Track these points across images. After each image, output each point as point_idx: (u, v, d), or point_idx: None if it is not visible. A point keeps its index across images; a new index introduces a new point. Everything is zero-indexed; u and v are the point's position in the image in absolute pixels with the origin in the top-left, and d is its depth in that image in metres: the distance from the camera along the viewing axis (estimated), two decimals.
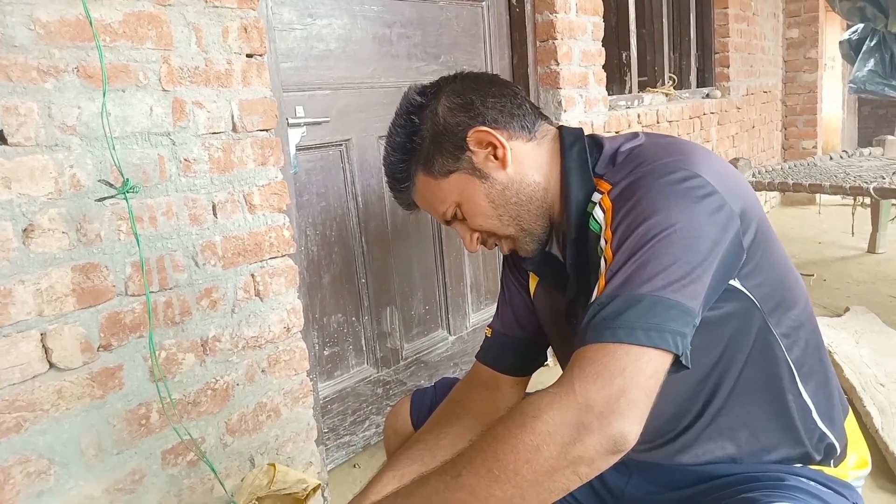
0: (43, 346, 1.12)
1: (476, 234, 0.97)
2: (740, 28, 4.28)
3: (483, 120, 0.91)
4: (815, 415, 0.93)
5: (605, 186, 0.87)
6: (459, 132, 0.91)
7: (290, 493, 1.43)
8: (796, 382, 0.92)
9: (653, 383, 0.70)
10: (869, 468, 0.99)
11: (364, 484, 1.04)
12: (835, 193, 3.12)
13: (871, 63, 5.90)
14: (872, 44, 5.88)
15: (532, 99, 2.46)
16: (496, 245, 0.99)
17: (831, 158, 3.94)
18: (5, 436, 1.08)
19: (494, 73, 2.35)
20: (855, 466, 0.98)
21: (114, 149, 1.18)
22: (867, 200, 4.14)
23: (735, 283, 0.85)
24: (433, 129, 0.92)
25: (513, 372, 1.11)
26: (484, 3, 2.31)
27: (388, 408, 2.10)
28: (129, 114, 1.21)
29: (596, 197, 0.88)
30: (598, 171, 0.90)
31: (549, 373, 2.60)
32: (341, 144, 1.91)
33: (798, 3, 5.22)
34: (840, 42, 6.26)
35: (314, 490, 1.45)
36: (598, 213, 0.86)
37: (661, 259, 0.74)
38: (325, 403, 1.90)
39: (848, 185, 3.09)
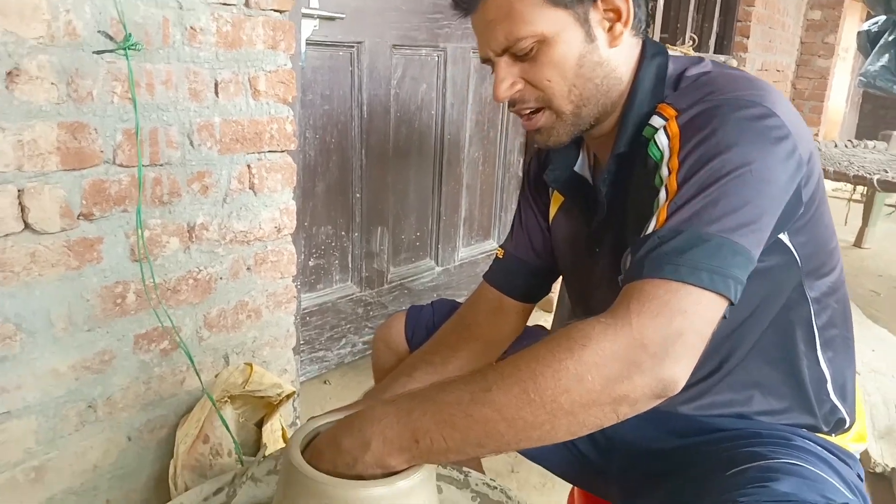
0: (20, 203, 1.04)
1: (520, 85, 0.83)
2: None
3: None
4: (829, 386, 0.90)
5: (670, 112, 0.78)
6: None
7: (263, 397, 1.38)
8: (815, 349, 0.88)
9: (709, 329, 0.66)
10: (866, 444, 0.97)
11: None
12: (838, 180, 3.09)
13: (885, 59, 5.83)
14: (890, 38, 5.80)
15: None
16: (525, 112, 0.85)
17: (836, 146, 3.91)
18: None
19: None
20: (853, 440, 0.95)
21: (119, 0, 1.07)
22: (860, 195, 4.13)
23: (783, 236, 0.80)
24: None
25: (520, 297, 1.07)
26: None
27: (367, 328, 2.06)
28: None
29: (657, 121, 0.79)
30: (665, 95, 0.82)
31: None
32: (353, 46, 1.80)
33: None
34: (858, 32, 6.17)
35: (287, 397, 1.40)
36: (661, 138, 0.77)
37: (732, 199, 0.68)
38: (304, 315, 1.85)
39: (851, 174, 3.06)
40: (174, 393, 1.33)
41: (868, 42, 6.04)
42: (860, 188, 3.58)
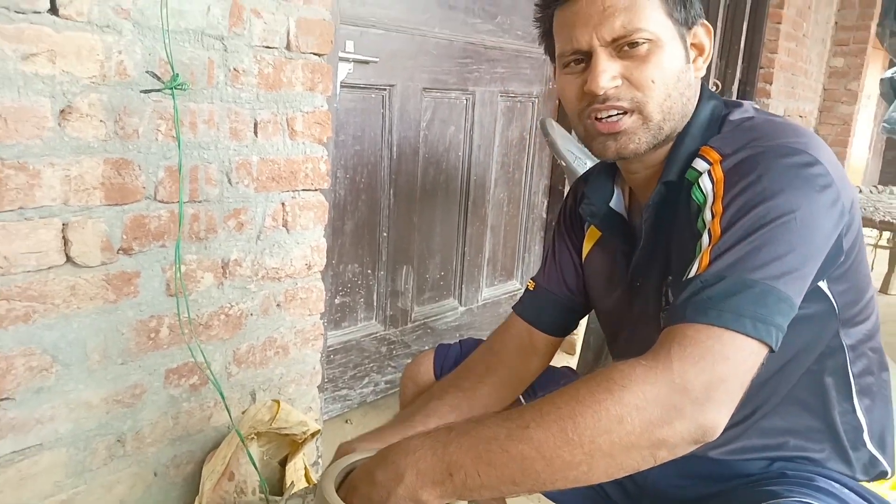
0: (63, 237, 1.06)
1: (619, 81, 0.81)
2: (789, 47, 4.20)
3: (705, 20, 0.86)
4: (865, 435, 0.88)
5: (714, 156, 0.79)
6: (698, 11, 0.85)
7: (288, 434, 1.38)
8: (851, 397, 0.87)
9: (749, 376, 0.66)
10: None
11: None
12: (864, 226, 3.06)
13: None
14: None
15: None
16: (615, 111, 0.82)
17: (860, 192, 3.89)
18: (13, 324, 1.02)
19: None
20: (893, 487, 0.93)
21: (167, 41, 1.10)
22: (886, 241, 4.09)
23: (822, 284, 0.80)
24: None
25: (549, 330, 1.07)
26: None
27: (390, 367, 2.05)
28: (185, 8, 1.14)
29: (701, 165, 0.80)
30: (712, 139, 0.83)
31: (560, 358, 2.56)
32: (385, 89, 1.83)
33: (849, 32, 5.13)
34: (881, 79, 6.18)
35: (312, 435, 1.40)
36: (705, 182, 0.78)
37: (777, 245, 0.69)
38: (328, 353, 1.85)
39: (878, 220, 3.03)
40: (201, 429, 1.33)
41: (891, 89, 6.05)
42: (885, 233, 3.55)
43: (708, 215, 0.75)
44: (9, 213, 0.98)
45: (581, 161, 1.88)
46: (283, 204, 1.38)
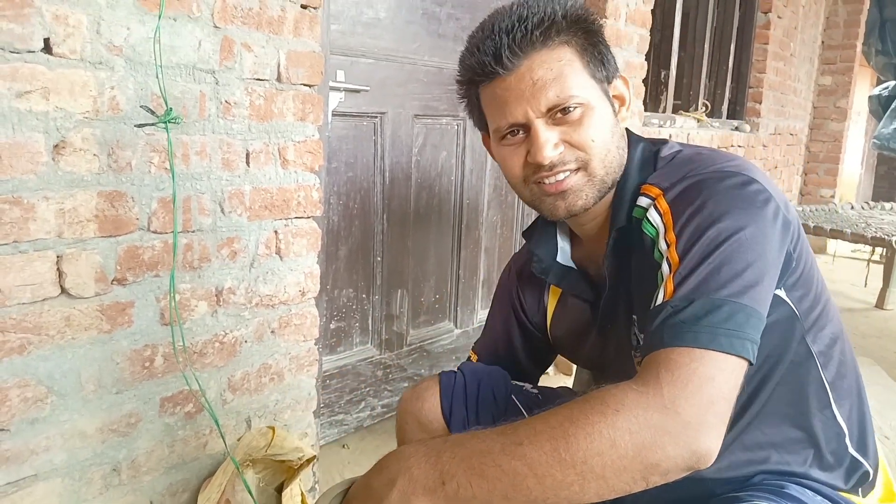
0: (58, 269, 1.08)
1: (562, 147, 0.85)
2: (777, 66, 4.26)
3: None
4: (847, 440, 0.90)
5: (654, 191, 0.84)
6: (613, 65, 0.90)
7: (284, 461, 1.38)
8: (830, 404, 0.89)
9: (735, 394, 0.68)
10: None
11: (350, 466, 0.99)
12: (856, 242, 3.10)
13: None
14: None
15: None
16: (561, 174, 0.86)
17: (852, 207, 3.92)
18: (8, 356, 1.03)
19: None
20: (882, 499, 0.94)
21: (160, 76, 1.13)
22: (879, 256, 4.11)
23: (780, 292, 0.83)
24: (602, 37, 0.89)
25: None
26: None
27: (386, 391, 2.06)
28: (177, 44, 1.17)
29: (644, 201, 0.85)
30: (648, 177, 0.89)
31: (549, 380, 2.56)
32: (376, 117, 1.86)
33: (835, 51, 5.21)
34: (870, 97, 6.26)
35: (308, 461, 1.40)
36: (653, 216, 0.82)
37: (734, 263, 0.72)
38: (324, 378, 1.85)
39: (869, 235, 3.06)
40: (196, 456, 1.34)
41: (880, 106, 6.11)
42: (878, 249, 3.57)
43: (663, 245, 0.79)
44: (4, 247, 1.00)
45: None
46: (276, 232, 1.40)
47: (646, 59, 2.66)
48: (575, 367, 2.25)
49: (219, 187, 1.28)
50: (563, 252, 1.03)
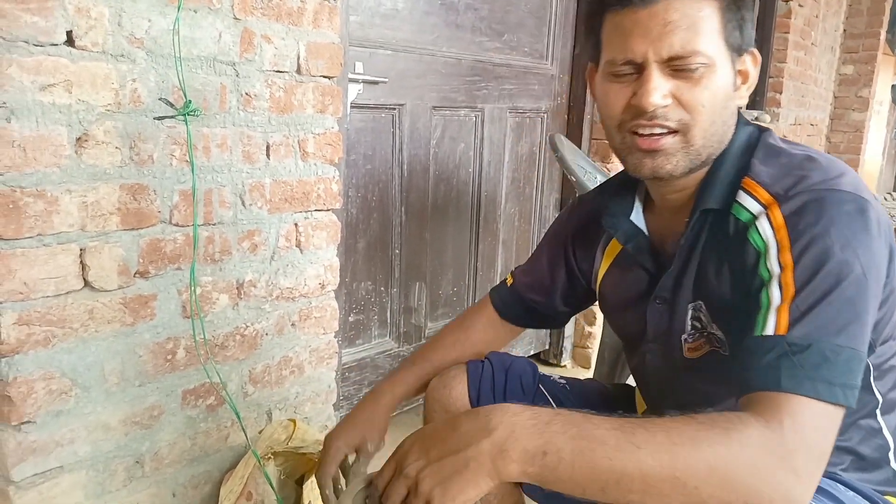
0: (81, 262, 1.08)
1: (670, 100, 0.79)
2: (798, 56, 4.20)
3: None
4: (891, 453, 0.88)
5: (764, 195, 0.79)
6: (749, 38, 0.84)
7: (305, 453, 1.38)
8: (876, 415, 0.87)
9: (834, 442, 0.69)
10: None
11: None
12: None
13: None
14: None
15: (588, 93, 2.41)
16: (658, 128, 0.81)
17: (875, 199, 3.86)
18: (33, 348, 1.03)
19: (556, 60, 2.31)
20: None
21: (180, 68, 1.13)
22: None
23: None
24: (749, 7, 0.84)
25: (514, 322, 1.18)
26: None
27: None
28: (197, 36, 1.16)
29: (752, 205, 0.80)
30: (751, 169, 0.83)
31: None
32: (395, 109, 1.85)
33: (857, 40, 5.12)
34: (893, 86, 6.16)
35: None
36: (764, 227, 0.78)
37: (854, 305, 0.71)
38: (343, 371, 1.85)
39: (893, 227, 3.01)
40: (218, 449, 1.34)
41: None
42: None
43: (775, 266, 0.75)
44: (28, 240, 1.01)
45: (591, 175, 1.89)
46: (296, 224, 1.40)
47: None
48: (595, 360, 2.24)
49: (239, 180, 1.28)
50: (637, 213, 0.98)
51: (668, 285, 0.91)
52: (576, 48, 2.39)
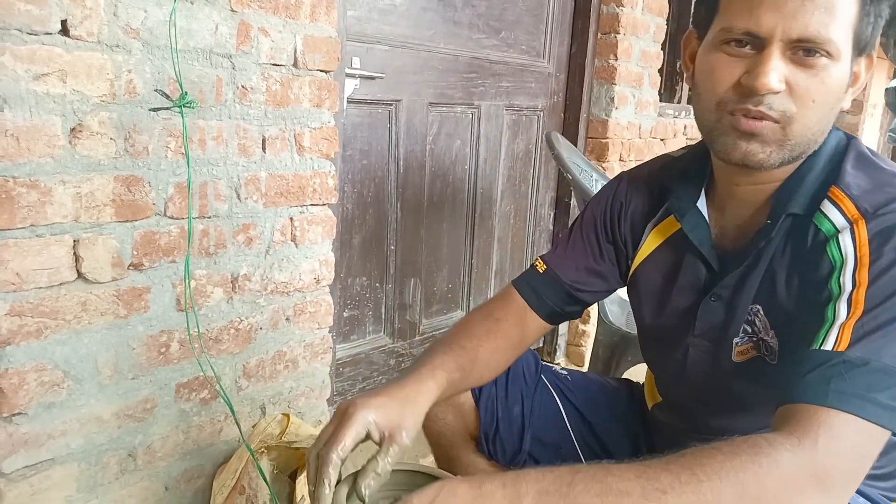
0: (74, 253, 1.07)
1: (783, 86, 0.74)
2: None
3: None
4: None
5: (851, 208, 0.76)
6: (873, 41, 0.77)
7: (299, 448, 1.38)
8: None
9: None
10: None
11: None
12: None
13: None
14: None
15: (585, 91, 2.42)
16: (761, 120, 0.76)
17: None
18: (25, 339, 1.03)
19: (553, 58, 2.30)
20: None
21: (176, 60, 1.12)
22: None
23: None
24: (890, 7, 0.77)
25: (545, 316, 1.04)
26: None
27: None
28: (194, 28, 1.16)
29: (837, 217, 0.77)
30: (840, 178, 0.79)
31: None
32: (391, 104, 1.85)
33: None
34: (886, 89, 6.18)
35: None
36: (846, 242, 0.75)
37: None
38: (337, 366, 1.85)
39: None
40: (212, 443, 1.34)
41: None
42: None
43: (848, 282, 0.73)
44: (21, 231, 1.00)
45: (587, 173, 1.89)
46: (291, 219, 1.40)
47: (662, 49, 2.63)
48: (588, 358, 2.24)
49: (235, 173, 1.27)
50: (702, 201, 0.92)
51: (730, 284, 0.87)
52: (572, 46, 2.39)
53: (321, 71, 1.38)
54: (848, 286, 0.72)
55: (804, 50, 0.73)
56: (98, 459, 1.16)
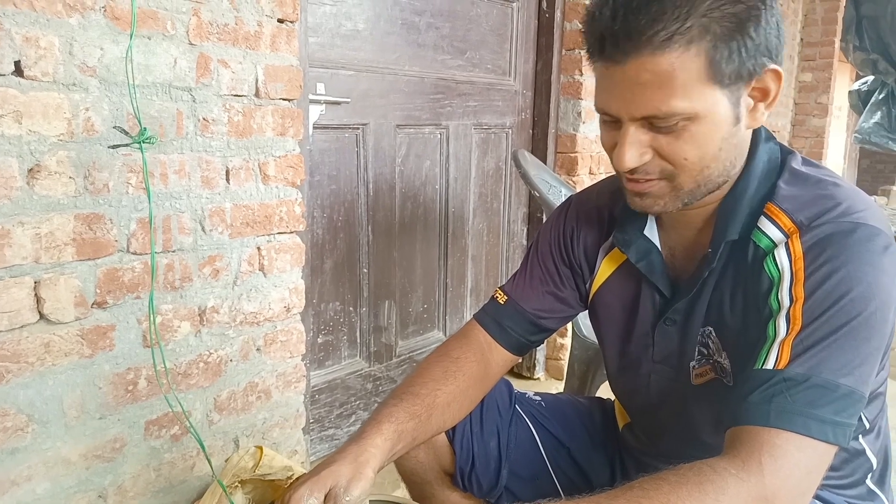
0: (35, 294, 1.06)
1: (648, 156, 0.76)
2: None
3: (779, 63, 0.75)
4: (870, 474, 0.90)
5: (787, 223, 0.76)
6: (765, 56, 0.73)
7: (273, 480, 1.36)
8: (858, 438, 0.88)
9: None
10: None
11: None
12: None
13: (878, 116, 5.95)
14: (881, 97, 5.93)
15: (552, 107, 2.44)
16: (645, 181, 0.78)
17: None
18: None
19: (519, 76, 2.33)
20: None
21: (134, 96, 1.12)
22: None
23: None
24: (755, 25, 0.71)
25: (510, 347, 1.02)
26: (514, 4, 2.28)
27: (376, 404, 2.04)
28: (152, 63, 1.15)
29: (774, 233, 0.77)
30: (776, 194, 0.80)
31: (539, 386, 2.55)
32: (358, 128, 1.85)
33: (814, 48, 5.25)
34: (849, 92, 6.32)
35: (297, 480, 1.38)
36: (781, 257, 0.75)
37: (859, 344, 0.69)
38: (313, 393, 1.83)
39: None
40: (184, 479, 1.32)
41: (860, 101, 6.18)
42: None
43: (786, 298, 0.73)
44: None
45: (556, 189, 1.91)
46: (258, 248, 1.39)
47: None
48: (566, 371, 2.25)
49: (199, 205, 1.26)
50: (651, 226, 0.91)
51: (682, 308, 0.88)
52: (538, 64, 2.41)
53: (284, 100, 1.39)
54: (786, 302, 0.73)
55: (657, 123, 0.74)
56: (67, 503, 1.14)
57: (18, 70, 0.99)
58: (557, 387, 2.49)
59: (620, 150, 0.76)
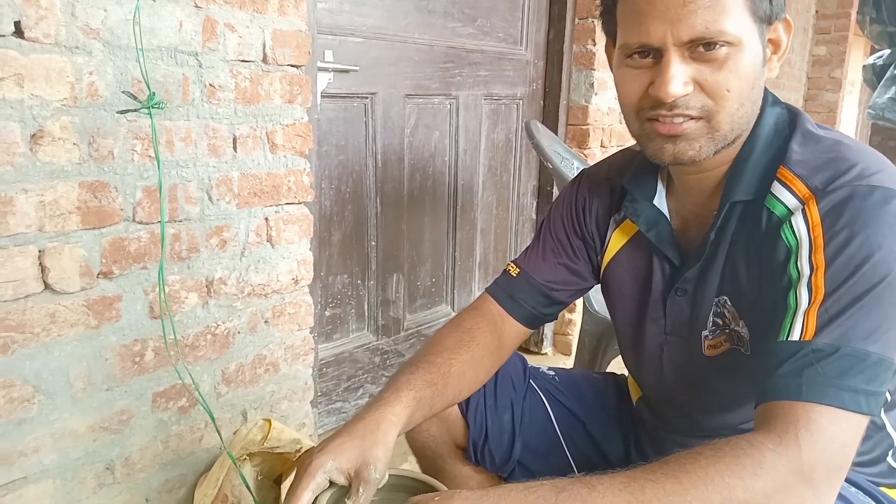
0: (40, 264, 1.03)
1: (691, 87, 0.74)
2: None
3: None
4: (892, 450, 0.87)
5: (802, 189, 0.74)
6: (783, 1, 0.76)
7: (282, 453, 1.35)
8: (881, 413, 0.85)
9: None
10: None
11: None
12: None
13: (893, 91, 5.85)
14: None
15: (564, 77, 2.39)
16: (680, 117, 0.76)
17: None
18: None
19: (530, 45, 2.28)
20: None
21: (142, 60, 1.08)
22: None
23: None
24: None
25: (522, 320, 1.02)
26: None
27: (384, 378, 2.03)
28: (157, 26, 1.11)
29: (789, 199, 0.75)
30: (787, 157, 0.77)
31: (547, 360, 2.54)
32: (367, 97, 1.81)
33: (829, 20, 5.15)
34: (864, 66, 6.21)
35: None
36: (798, 224, 0.73)
37: (885, 309, 0.67)
38: (321, 366, 1.82)
39: None
40: (192, 451, 1.31)
41: (874, 75, 6.07)
42: None
43: (805, 266, 0.71)
44: None
45: (568, 161, 1.87)
46: (266, 219, 1.36)
47: None
48: (575, 346, 2.23)
49: (206, 174, 1.23)
50: (661, 196, 0.90)
51: (692, 277, 0.86)
52: (550, 33, 2.36)
53: (292, 66, 1.35)
54: (806, 270, 0.71)
55: (703, 45, 0.72)
56: (74, 475, 1.13)
57: (19, 31, 0.96)
58: (565, 362, 2.47)
59: (664, 78, 0.73)
